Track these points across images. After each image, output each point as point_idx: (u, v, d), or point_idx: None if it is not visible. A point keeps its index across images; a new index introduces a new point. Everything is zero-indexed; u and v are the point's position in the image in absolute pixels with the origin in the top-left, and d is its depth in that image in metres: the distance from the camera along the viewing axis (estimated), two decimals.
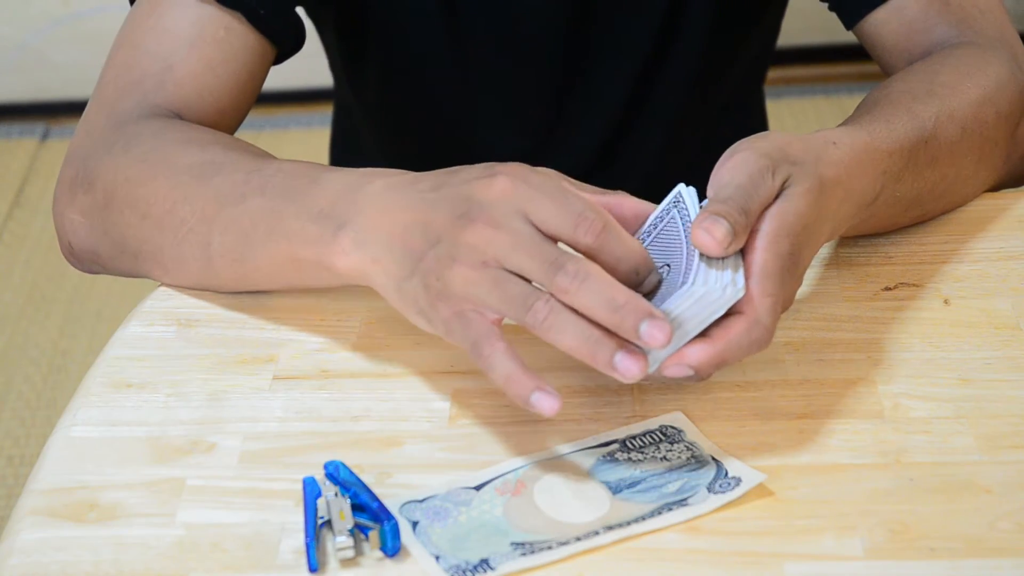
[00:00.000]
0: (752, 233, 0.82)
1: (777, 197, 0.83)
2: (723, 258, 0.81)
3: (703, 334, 0.81)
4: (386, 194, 0.85)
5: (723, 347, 0.81)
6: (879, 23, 1.10)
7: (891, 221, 0.98)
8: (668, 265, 0.83)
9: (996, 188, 1.05)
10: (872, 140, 0.91)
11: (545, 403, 0.78)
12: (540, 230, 0.80)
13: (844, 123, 0.95)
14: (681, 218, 0.84)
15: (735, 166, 0.84)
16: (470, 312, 0.80)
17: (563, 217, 0.80)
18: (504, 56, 1.19)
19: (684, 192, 0.84)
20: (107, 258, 0.99)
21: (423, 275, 0.81)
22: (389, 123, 1.27)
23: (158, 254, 0.96)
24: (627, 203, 0.86)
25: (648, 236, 0.85)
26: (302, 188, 0.89)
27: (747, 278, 0.81)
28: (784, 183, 0.84)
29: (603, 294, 0.78)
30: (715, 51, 1.21)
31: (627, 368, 0.78)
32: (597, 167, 1.23)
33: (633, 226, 0.86)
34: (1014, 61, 1.05)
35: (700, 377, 0.81)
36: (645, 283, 0.81)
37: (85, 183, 0.99)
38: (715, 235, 0.80)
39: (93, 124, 1.03)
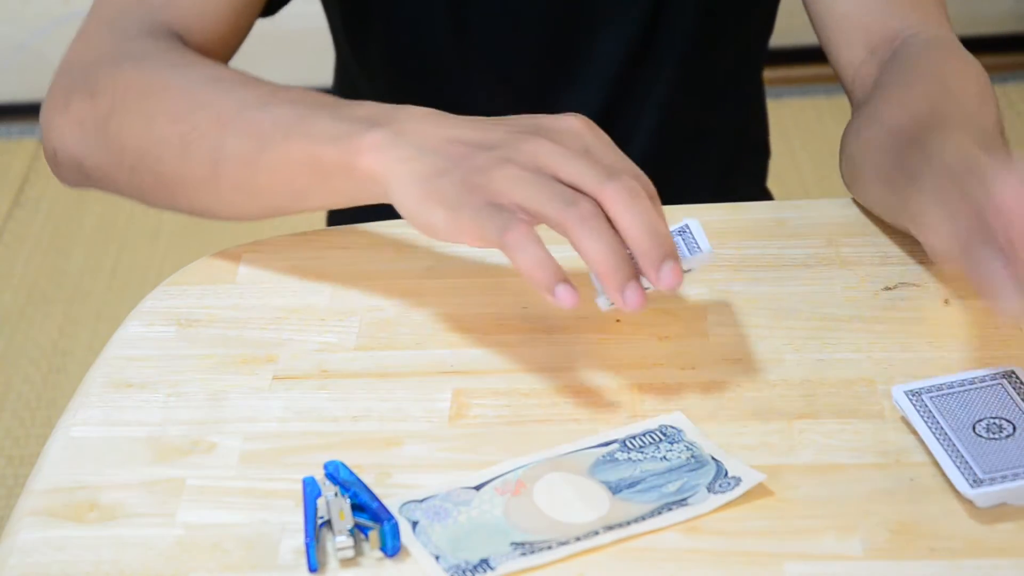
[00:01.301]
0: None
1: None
2: None
3: None
4: (433, 116, 0.88)
5: None
6: None
7: None
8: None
9: None
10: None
11: (567, 297, 0.80)
12: None
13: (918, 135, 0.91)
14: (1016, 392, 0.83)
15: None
16: (504, 202, 0.82)
17: (622, 165, 0.83)
18: (504, 39, 1.18)
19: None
20: (95, 168, 0.99)
21: (466, 172, 0.83)
22: (389, 92, 1.27)
23: (158, 164, 0.95)
24: None
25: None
26: (337, 104, 0.91)
27: None
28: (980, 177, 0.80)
29: (648, 216, 0.81)
30: (706, 32, 1.20)
31: (632, 300, 0.80)
32: None
33: None
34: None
35: None
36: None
37: (85, 92, 0.99)
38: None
39: (93, 38, 1.03)
